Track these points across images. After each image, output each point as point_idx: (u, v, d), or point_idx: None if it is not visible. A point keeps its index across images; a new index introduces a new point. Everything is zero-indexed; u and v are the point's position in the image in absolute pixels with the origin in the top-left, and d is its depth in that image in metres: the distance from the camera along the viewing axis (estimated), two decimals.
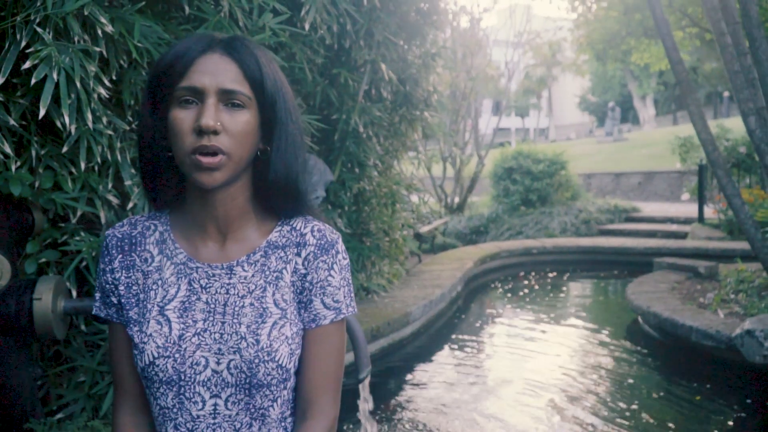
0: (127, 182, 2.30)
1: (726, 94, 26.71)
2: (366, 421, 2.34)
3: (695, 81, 26.34)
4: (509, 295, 6.65)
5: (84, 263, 2.19)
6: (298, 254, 0.92)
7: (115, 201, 2.29)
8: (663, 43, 4.61)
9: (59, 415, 2.19)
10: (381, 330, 4.24)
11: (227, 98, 0.84)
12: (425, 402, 3.60)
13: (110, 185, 2.26)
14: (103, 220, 2.25)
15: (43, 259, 2.19)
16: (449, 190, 11.99)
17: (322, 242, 0.92)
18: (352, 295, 0.96)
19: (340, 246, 0.94)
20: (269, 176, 0.90)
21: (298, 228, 0.94)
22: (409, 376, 4.08)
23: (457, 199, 11.89)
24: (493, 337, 5.05)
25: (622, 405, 3.43)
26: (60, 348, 2.35)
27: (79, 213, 2.17)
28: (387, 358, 4.31)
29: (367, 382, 2.08)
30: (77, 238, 2.18)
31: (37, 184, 2.07)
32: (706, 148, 4.63)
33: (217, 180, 0.84)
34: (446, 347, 4.74)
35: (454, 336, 5.03)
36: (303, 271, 0.92)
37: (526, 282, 7.21)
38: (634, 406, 3.41)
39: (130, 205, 2.33)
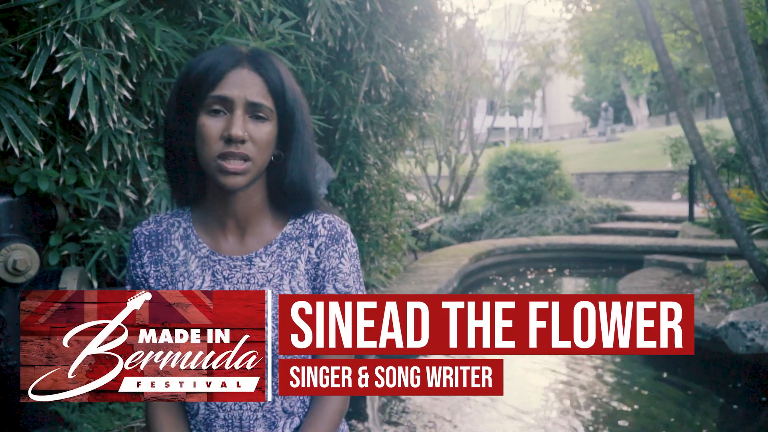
0: (145, 179, 2.41)
1: (718, 95, 26.98)
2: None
3: (687, 82, 26.60)
4: (511, 289, 6.79)
5: (104, 255, 2.31)
6: (311, 244, 1.00)
7: (132, 197, 2.40)
8: (653, 47, 4.76)
9: None
10: None
11: (253, 110, 0.93)
12: None
13: (128, 182, 2.38)
14: (121, 215, 2.37)
15: (65, 252, 2.31)
16: (444, 188, 12.12)
17: (333, 233, 1.01)
18: (362, 280, 1.06)
19: (349, 235, 1.03)
20: (286, 180, 0.99)
21: (309, 220, 1.02)
22: None
23: (452, 198, 12.02)
24: None
25: (614, 396, 3.58)
26: None
27: (99, 208, 2.29)
28: None
29: None
30: (97, 231, 2.30)
31: (61, 181, 2.18)
32: (694, 149, 4.79)
33: (240, 183, 0.93)
34: None
35: None
36: (316, 260, 1.00)
37: (521, 278, 7.36)
38: (624, 398, 3.56)
39: (147, 201, 2.44)
